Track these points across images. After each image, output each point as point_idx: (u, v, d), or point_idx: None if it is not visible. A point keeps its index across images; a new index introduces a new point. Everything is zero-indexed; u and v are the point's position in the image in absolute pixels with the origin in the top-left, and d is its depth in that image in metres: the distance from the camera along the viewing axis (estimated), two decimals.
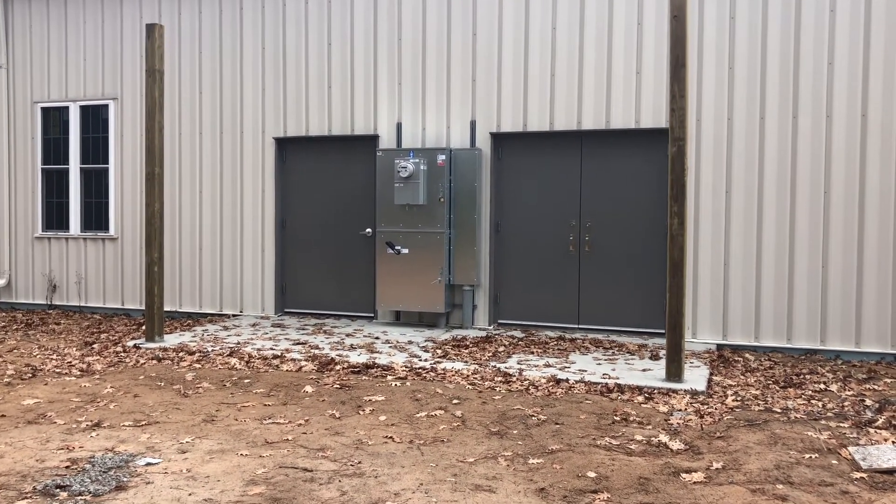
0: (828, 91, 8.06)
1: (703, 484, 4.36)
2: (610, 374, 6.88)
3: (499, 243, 9.42)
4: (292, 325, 9.46)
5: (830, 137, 8.07)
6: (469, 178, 9.18)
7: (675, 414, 5.79)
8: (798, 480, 4.40)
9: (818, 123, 8.09)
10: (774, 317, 8.29)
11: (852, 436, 5.23)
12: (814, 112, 8.10)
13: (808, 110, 8.12)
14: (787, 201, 8.22)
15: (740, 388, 6.64)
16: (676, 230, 6.57)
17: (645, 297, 8.88)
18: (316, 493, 4.24)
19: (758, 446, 5.01)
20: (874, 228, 7.96)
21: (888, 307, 7.92)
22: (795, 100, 8.16)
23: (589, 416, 5.72)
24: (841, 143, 8.03)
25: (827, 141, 8.08)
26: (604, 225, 9.02)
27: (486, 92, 9.24)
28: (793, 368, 7.46)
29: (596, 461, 4.72)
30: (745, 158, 8.34)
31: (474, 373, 6.94)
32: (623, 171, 8.94)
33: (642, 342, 8.44)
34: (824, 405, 6.07)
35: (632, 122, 8.72)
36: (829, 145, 8.08)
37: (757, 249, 8.33)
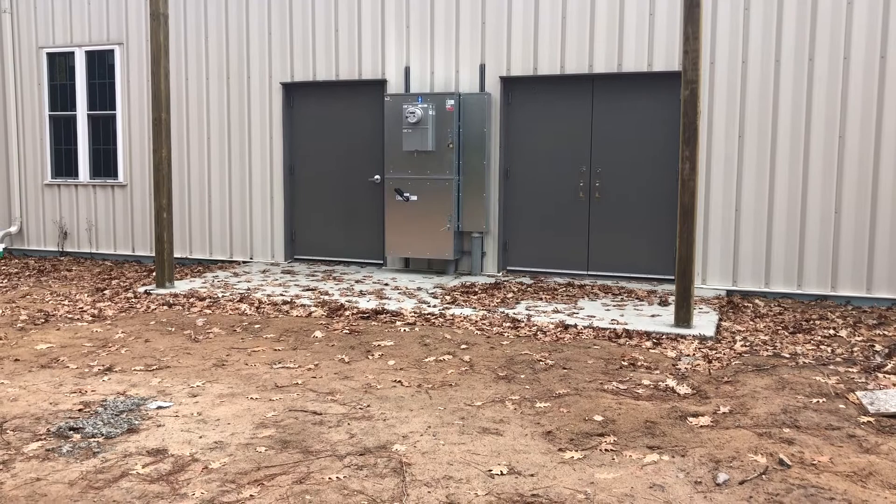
0: (846, 31, 7.86)
1: (709, 428, 4.38)
2: (618, 320, 6.88)
3: (508, 190, 9.35)
4: (302, 272, 9.49)
5: (847, 80, 7.90)
6: (478, 123, 9.07)
7: (683, 359, 5.79)
8: (805, 424, 4.41)
9: (835, 66, 7.91)
10: (785, 263, 8.23)
11: (860, 380, 5.23)
12: (831, 54, 7.92)
13: (826, 52, 7.93)
14: (801, 146, 8.09)
15: (749, 333, 6.63)
16: (688, 175, 6.48)
17: (655, 243, 8.83)
18: (325, 435, 4.29)
19: (765, 391, 5.02)
20: (889, 174, 7.84)
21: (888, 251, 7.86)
22: (812, 41, 7.97)
23: (597, 361, 5.74)
24: (858, 87, 7.87)
25: (844, 84, 7.91)
26: (614, 171, 8.92)
27: (495, 35, 9.06)
28: (802, 314, 7.44)
29: (603, 405, 4.75)
30: (759, 102, 8.19)
31: (483, 318, 6.96)
32: (635, 116, 8.81)
33: (651, 288, 8.42)
34: (833, 350, 6.07)
35: (644, 65, 8.55)
36: (845, 88, 7.91)
37: (769, 195, 8.24)
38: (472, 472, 3.81)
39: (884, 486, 3.62)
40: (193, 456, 4.01)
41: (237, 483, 3.69)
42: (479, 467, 3.87)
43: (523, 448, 4.12)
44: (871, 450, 4.04)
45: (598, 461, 3.95)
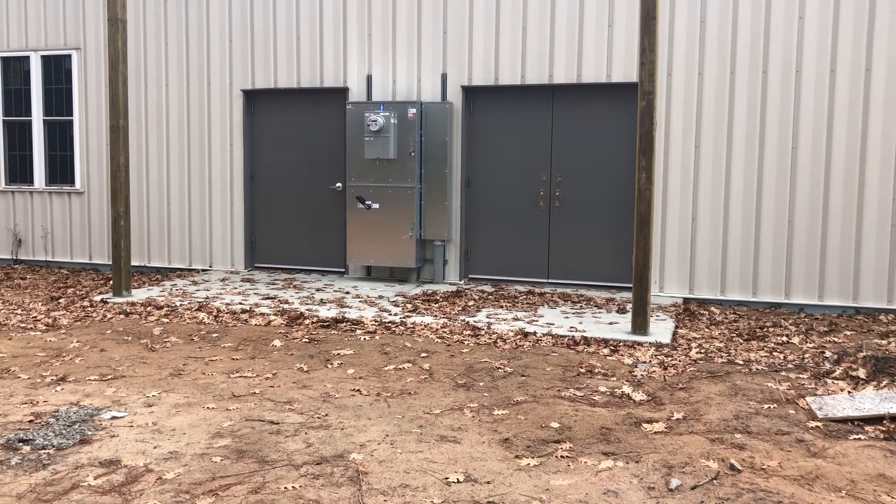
0: (798, 46, 8.06)
1: (663, 434, 4.45)
2: (577, 328, 6.95)
3: (470, 198, 9.40)
4: (262, 280, 9.43)
5: (799, 93, 8.09)
6: (440, 132, 9.11)
7: (640, 366, 5.87)
8: (756, 430, 4.50)
9: (787, 79, 8.11)
10: (741, 271, 8.39)
11: (810, 386, 5.35)
12: (783, 67, 8.11)
13: (779, 65, 8.12)
14: (756, 157, 8.26)
15: (704, 340, 6.74)
16: (644, 185, 6.59)
17: (613, 251, 8.94)
18: (282, 445, 4.27)
19: (718, 397, 5.11)
20: (840, 185, 8.04)
21: (850, 262, 8.05)
22: (766, 55, 8.16)
23: (555, 368, 5.79)
24: (809, 99, 8.07)
25: (796, 96, 8.10)
26: (574, 180, 9.02)
27: (457, 44, 9.12)
28: (757, 321, 7.59)
29: (560, 412, 4.79)
30: (715, 114, 8.35)
31: (443, 327, 6.98)
32: (594, 126, 8.92)
33: (610, 296, 8.52)
34: (785, 357, 6.20)
35: (603, 76, 8.67)
36: (797, 101, 8.10)
37: (725, 204, 8.39)
38: (428, 480, 3.82)
39: (830, 490, 3.71)
40: (147, 466, 3.97)
41: (191, 493, 3.66)
42: (435, 475, 3.88)
43: (480, 455, 4.14)
44: (819, 454, 4.14)
45: (554, 468, 3.99)
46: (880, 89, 7.85)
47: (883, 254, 7.96)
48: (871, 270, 8.00)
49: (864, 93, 7.90)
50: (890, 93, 7.84)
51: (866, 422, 4.57)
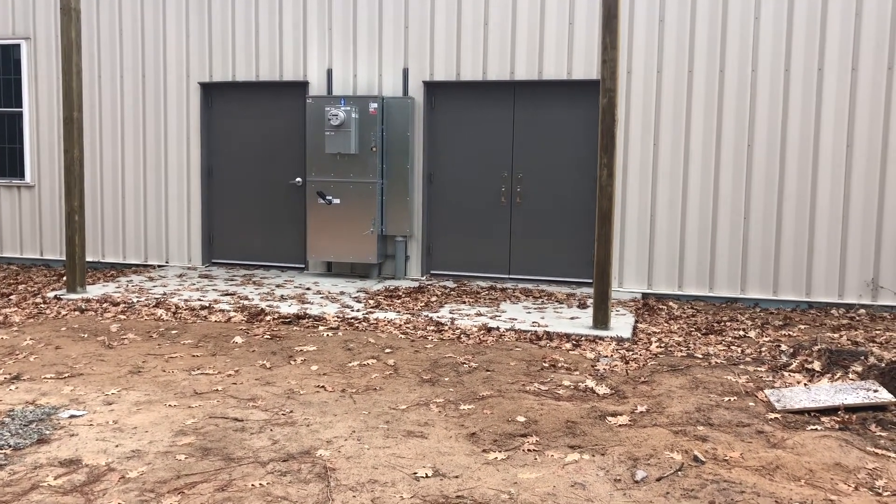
0: (754, 45, 8.22)
1: (627, 426, 4.51)
2: (539, 322, 7.00)
3: (432, 194, 9.39)
4: (220, 276, 9.30)
5: (755, 91, 8.26)
6: (402, 127, 9.08)
7: (602, 360, 5.94)
8: (717, 422, 4.59)
9: (744, 77, 8.27)
10: (698, 266, 8.54)
11: (768, 379, 5.47)
12: (740, 66, 8.26)
13: (735, 64, 8.28)
14: (713, 154, 8.41)
15: (664, 334, 6.85)
16: (605, 181, 6.66)
17: (574, 247, 9.02)
18: (247, 442, 4.22)
19: (680, 390, 5.20)
20: (793, 182, 8.23)
21: (803, 258, 8.25)
22: (723, 53, 8.30)
23: (519, 362, 5.83)
24: (765, 97, 8.24)
25: (752, 95, 8.27)
26: (535, 176, 9.08)
27: (418, 39, 9.10)
28: (714, 316, 7.73)
29: (525, 406, 4.82)
30: (674, 111, 8.48)
31: (407, 322, 6.97)
32: (555, 123, 8.98)
33: (571, 291, 8.60)
34: (743, 350, 6.33)
35: (564, 73, 8.74)
36: (753, 99, 8.27)
37: (682, 201, 8.53)
38: (397, 476, 3.82)
39: (789, 479, 3.80)
40: (109, 465, 3.89)
41: (156, 492, 3.59)
42: (404, 470, 3.88)
43: (448, 450, 4.15)
44: (778, 444, 4.24)
45: (521, 461, 4.02)
46: (832, 89, 8.05)
47: (834, 250, 8.17)
48: (823, 266, 8.21)
49: (816, 92, 8.10)
50: (842, 92, 8.04)
51: (822, 413, 4.69)
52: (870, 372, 5.12)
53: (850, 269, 8.15)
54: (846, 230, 8.14)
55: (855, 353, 5.54)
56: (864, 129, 8.02)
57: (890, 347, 6.46)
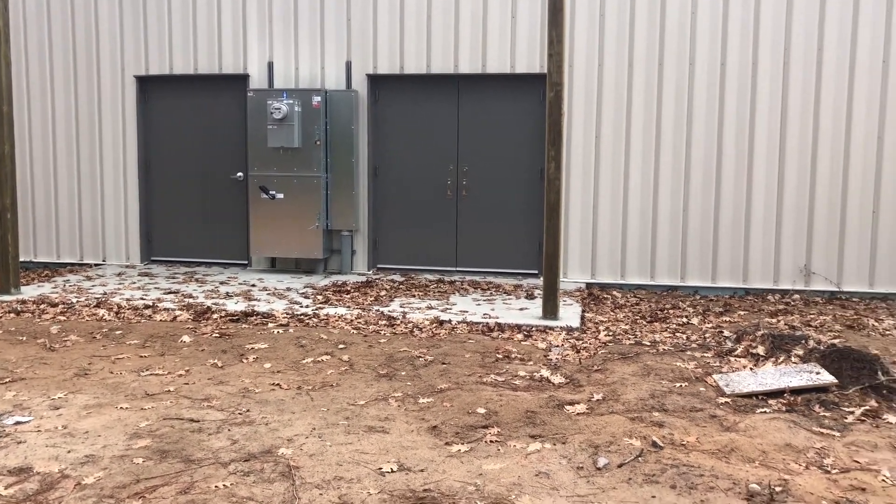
0: (691, 39, 8.42)
1: (585, 415, 4.59)
2: (490, 314, 7.05)
3: (377, 188, 9.35)
4: (161, 274, 9.07)
5: (693, 85, 8.47)
6: (346, 120, 9.00)
7: (554, 350, 6.03)
8: (672, 407, 4.71)
9: (682, 70, 8.47)
10: (639, 256, 8.73)
11: (716, 364, 5.64)
12: (678, 59, 8.46)
13: (674, 58, 8.47)
14: (653, 146, 8.60)
15: (611, 323, 6.99)
16: (553, 174, 6.74)
17: (519, 239, 9.11)
18: (205, 443, 4.14)
19: (633, 377, 5.31)
20: (731, 173, 8.48)
21: (740, 246, 8.51)
22: (661, 47, 8.49)
23: (473, 354, 5.87)
24: (702, 91, 8.45)
25: (690, 88, 8.48)
26: (480, 169, 9.12)
27: (361, 32, 9.03)
28: (657, 304, 7.92)
29: (484, 397, 4.86)
30: (615, 104, 8.63)
31: (358, 317, 6.93)
32: (499, 116, 9.04)
33: (517, 283, 8.69)
34: (688, 337, 6.50)
35: (507, 66, 8.80)
36: (691, 92, 8.48)
37: (624, 192, 8.70)
38: (362, 472, 3.80)
39: (744, 461, 3.93)
40: (63, 472, 3.76)
41: (116, 498, 3.50)
42: (368, 466, 3.87)
43: (411, 444, 4.15)
44: (731, 428, 4.38)
45: (485, 452, 4.05)
46: (766, 83, 8.32)
47: (769, 238, 8.46)
48: (759, 254, 8.49)
49: (751, 86, 8.35)
50: (775, 87, 8.31)
51: (769, 395, 4.86)
52: (811, 355, 5.33)
53: (784, 256, 8.45)
54: (780, 219, 8.43)
55: (795, 338, 5.75)
56: (796, 122, 8.31)
57: (825, 331, 6.73)
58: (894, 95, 8.11)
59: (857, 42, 8.13)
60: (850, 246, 8.31)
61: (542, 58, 8.57)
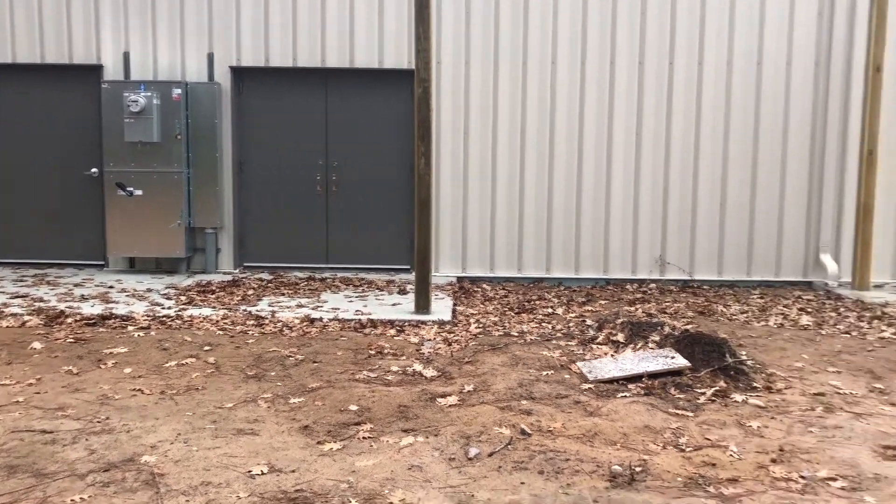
0: (553, 38, 8.69)
1: (457, 406, 4.65)
2: (362, 311, 7.02)
3: (243, 183, 9.09)
4: (8, 277, 8.46)
5: (555, 82, 8.75)
6: (208, 114, 8.70)
7: (426, 344, 6.08)
8: (539, 395, 4.86)
9: (544, 68, 8.73)
10: (507, 250, 8.94)
11: (579, 352, 5.86)
12: (541, 58, 8.71)
13: (536, 57, 8.71)
14: (518, 143, 8.82)
15: (481, 315, 7.12)
16: (423, 170, 6.79)
17: (391, 235, 9.12)
18: (60, 454, 3.90)
19: (502, 368, 5.44)
20: (590, 168, 8.82)
21: (601, 239, 8.88)
22: (525, 47, 8.71)
23: (345, 352, 5.82)
24: (564, 89, 8.75)
25: (552, 86, 8.75)
26: (350, 164, 9.06)
27: (223, 23, 8.74)
28: (524, 295, 8.14)
29: (357, 394, 4.84)
30: (481, 101, 8.79)
31: (224, 318, 6.73)
32: (369, 111, 9.01)
33: (390, 278, 8.70)
34: (554, 327, 6.72)
35: (375, 61, 8.77)
36: (553, 90, 8.75)
37: (492, 187, 8.88)
38: (231, 475, 3.70)
39: (607, 444, 4.11)
40: None
41: None
42: (237, 469, 3.77)
43: (281, 445, 4.08)
44: (595, 413, 4.56)
45: (358, 449, 4.03)
46: (623, 82, 8.71)
47: (627, 231, 8.87)
48: (618, 246, 8.90)
49: (609, 85, 8.72)
50: (631, 85, 8.72)
51: (629, 380, 5.10)
52: (666, 340, 5.63)
53: (641, 247, 8.89)
54: (637, 213, 8.86)
55: (652, 325, 6.07)
56: (651, 120, 8.75)
57: (679, 317, 7.13)
58: (738, 97, 8.69)
59: (704, 47, 8.65)
60: (701, 237, 8.85)
61: (411, 54, 8.61)
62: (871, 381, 5.27)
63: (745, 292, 8.52)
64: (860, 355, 5.93)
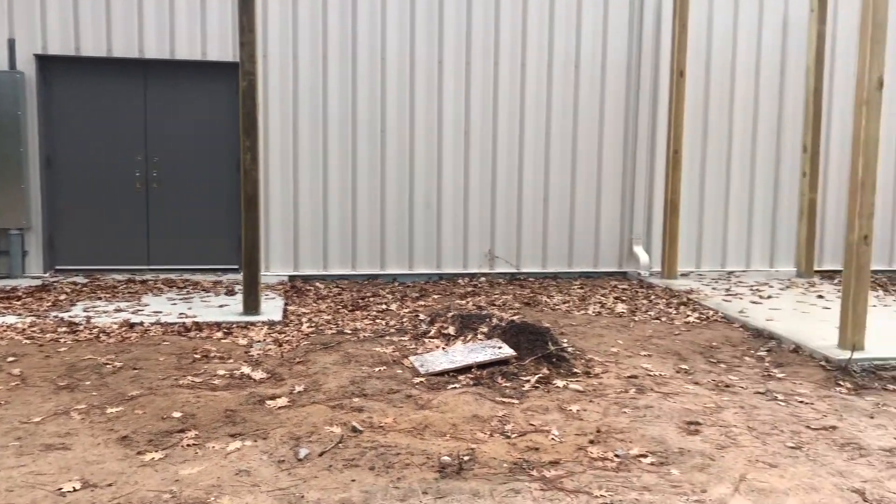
0: (382, 33, 8.72)
1: (287, 408, 4.57)
2: (187, 314, 6.74)
3: (52, 180, 8.45)
4: None
5: (385, 79, 8.78)
6: (10, 105, 8.01)
7: (256, 345, 5.92)
8: (371, 392, 4.86)
9: (374, 65, 8.74)
10: (341, 247, 8.89)
11: (412, 347, 5.93)
12: (370, 54, 8.72)
13: (366, 52, 8.71)
14: (349, 140, 8.78)
15: (314, 314, 7.03)
16: (249, 165, 6.60)
17: (218, 233, 8.80)
18: None
19: (334, 366, 5.40)
20: (422, 165, 8.94)
21: (434, 234, 9.03)
22: (355, 42, 8.68)
23: (168, 357, 5.56)
24: (393, 86, 8.80)
25: (383, 82, 8.78)
26: (173, 161, 8.65)
27: (27, 7, 8.08)
28: (359, 293, 8.13)
29: (180, 401, 4.63)
30: (311, 97, 8.67)
31: (32, 325, 6.22)
32: (193, 105, 8.64)
33: (217, 279, 8.40)
34: (387, 323, 6.76)
35: (198, 53, 8.43)
36: (384, 86, 8.79)
37: (324, 184, 8.79)
38: (38, 495, 3.43)
39: (437, 435, 4.18)
40: None
41: None
42: (46, 488, 3.50)
43: (97, 458, 3.83)
44: (425, 406, 4.63)
45: (181, 458, 3.86)
46: (451, 81, 8.88)
47: (458, 227, 9.07)
48: (450, 241, 9.09)
49: (438, 83, 8.87)
50: (459, 83, 8.91)
51: (460, 372, 5.22)
52: (494, 331, 5.81)
53: (471, 243, 9.13)
54: (467, 209, 9.08)
55: (481, 317, 6.24)
56: (478, 119, 8.99)
57: (507, 309, 7.39)
58: (558, 98, 9.11)
59: (527, 50, 9.00)
60: (526, 232, 9.21)
61: (235, 46, 8.34)
62: (678, 363, 5.71)
63: (567, 283, 8.97)
64: (668, 339, 6.41)
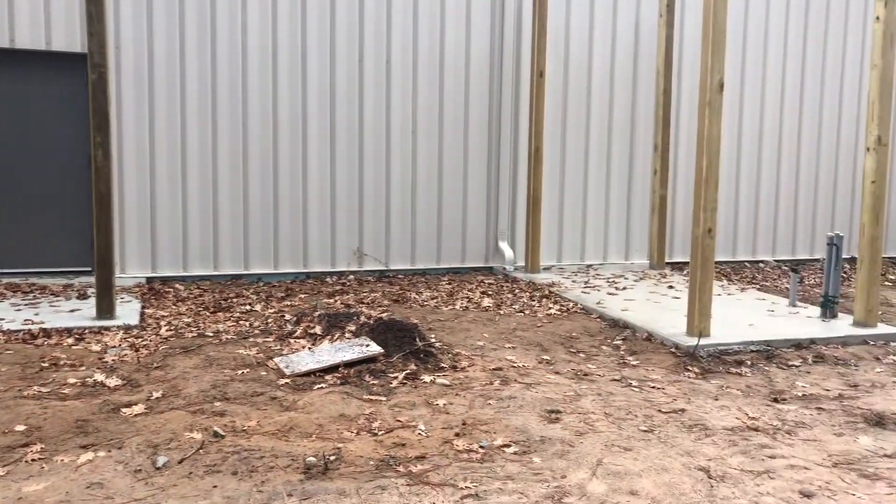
0: (242, 26, 8.50)
1: (144, 415, 4.37)
2: (33, 320, 6.32)
3: None
4: None
5: (247, 74, 8.56)
6: None
7: (110, 351, 5.64)
8: (233, 395, 4.74)
9: (234, 59, 8.50)
10: (201, 247, 8.60)
11: (277, 348, 5.82)
12: (230, 44, 8.48)
13: (226, 47, 8.46)
14: (209, 135, 8.51)
15: (173, 317, 6.77)
16: (101, 162, 6.27)
17: (69, 234, 8.31)
18: None
19: (195, 370, 5.22)
20: (286, 163, 8.78)
21: (300, 233, 8.89)
22: (214, 34, 8.42)
23: (11, 367, 5.20)
24: (255, 81, 8.60)
25: (244, 77, 8.56)
26: (15, 158, 8.08)
27: None
28: (221, 294, 7.89)
29: (25, 413, 4.34)
30: (168, 91, 8.34)
31: None
32: (38, 99, 8.10)
33: (68, 282, 7.93)
34: (251, 324, 6.60)
35: (42, 43, 7.92)
36: (245, 81, 8.56)
37: (182, 183, 8.47)
38: None
39: (303, 437, 4.13)
40: None
41: None
42: None
43: None
44: (291, 407, 4.56)
45: (25, 473, 3.62)
46: (315, 74, 8.77)
47: (325, 225, 8.98)
48: (317, 239, 8.98)
49: (301, 79, 8.74)
50: (323, 80, 8.81)
51: (326, 371, 5.17)
52: (362, 329, 5.80)
53: (339, 240, 9.06)
54: (334, 206, 9.00)
55: (349, 315, 6.21)
56: (343, 116, 8.93)
57: (376, 306, 7.38)
58: (424, 96, 9.18)
59: (392, 48, 9.02)
60: (395, 229, 9.24)
61: (84, 36, 7.89)
62: (540, 354, 5.89)
63: (435, 279, 9.06)
64: (531, 331, 6.60)
